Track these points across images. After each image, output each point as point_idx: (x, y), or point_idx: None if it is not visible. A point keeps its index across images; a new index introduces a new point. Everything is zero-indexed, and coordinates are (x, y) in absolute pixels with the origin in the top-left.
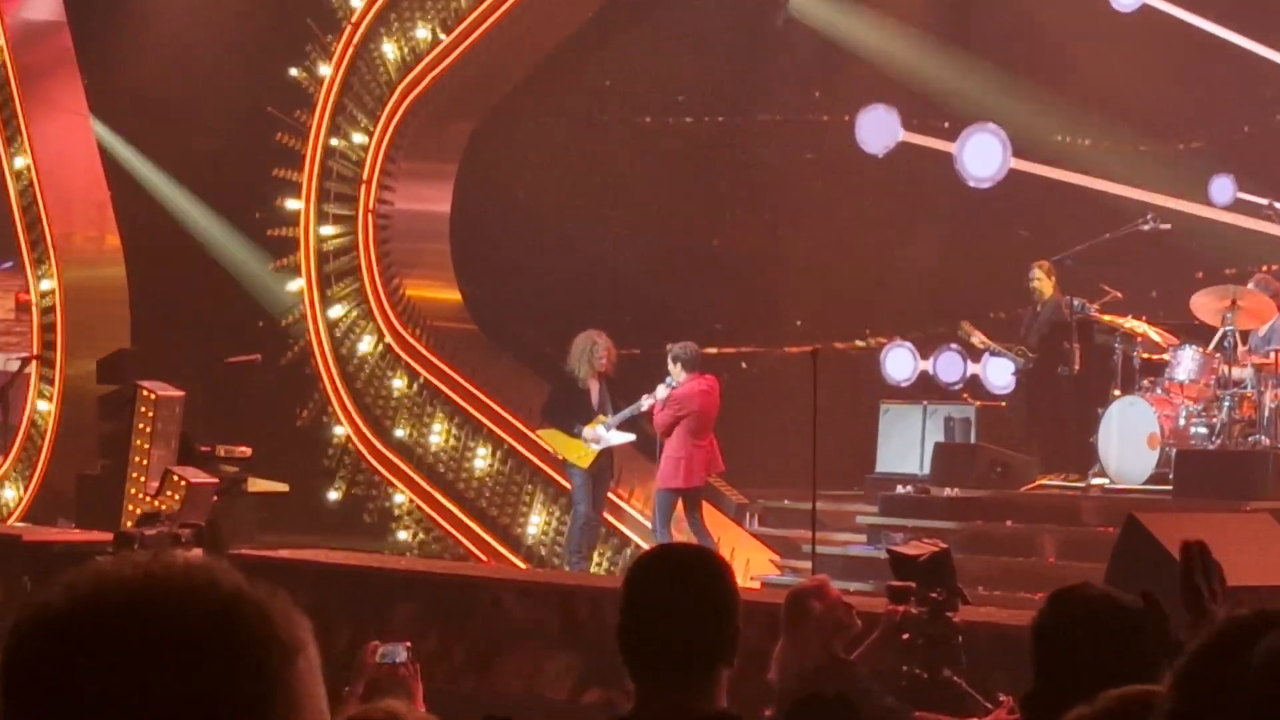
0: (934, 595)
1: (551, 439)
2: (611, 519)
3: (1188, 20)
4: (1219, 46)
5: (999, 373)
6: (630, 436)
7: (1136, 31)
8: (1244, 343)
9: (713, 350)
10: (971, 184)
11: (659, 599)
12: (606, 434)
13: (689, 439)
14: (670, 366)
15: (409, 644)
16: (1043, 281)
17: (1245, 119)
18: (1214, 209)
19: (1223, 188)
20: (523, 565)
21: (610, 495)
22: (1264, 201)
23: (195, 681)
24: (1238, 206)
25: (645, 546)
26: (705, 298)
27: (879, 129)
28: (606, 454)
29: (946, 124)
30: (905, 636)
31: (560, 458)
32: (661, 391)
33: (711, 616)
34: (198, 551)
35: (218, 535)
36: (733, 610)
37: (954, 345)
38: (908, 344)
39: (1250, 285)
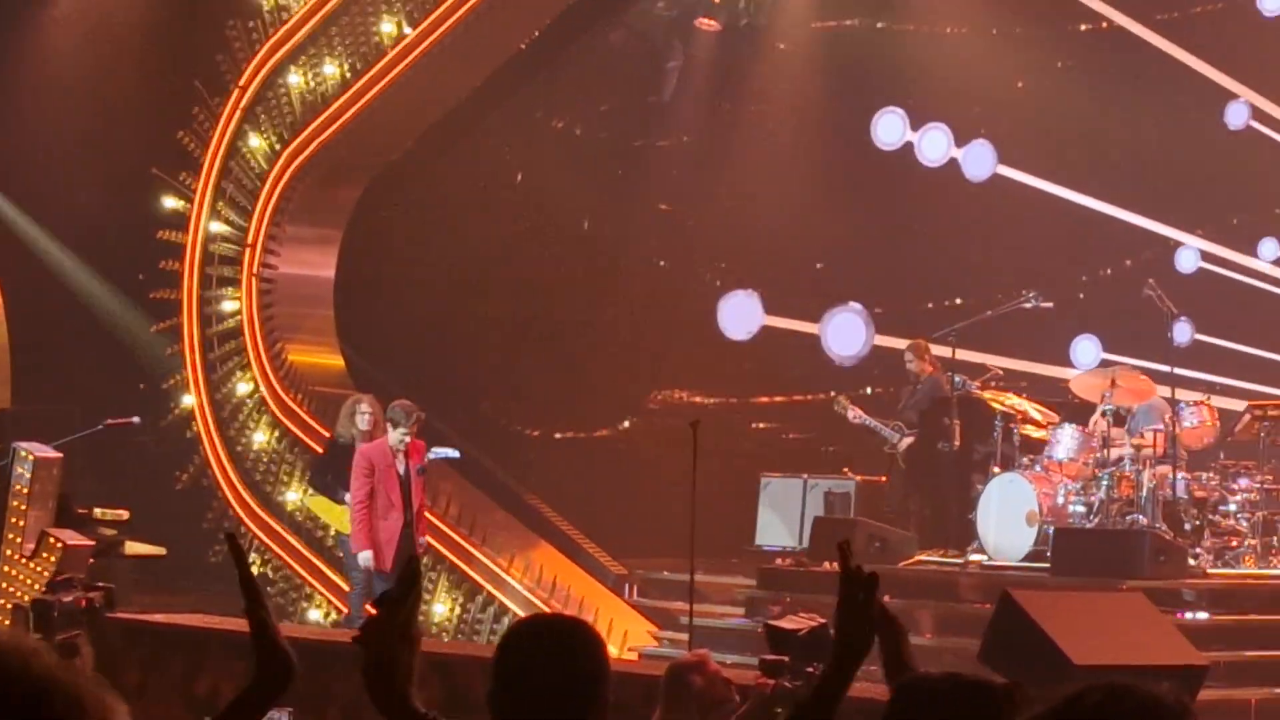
0: (810, 670)
1: (317, 506)
2: (489, 586)
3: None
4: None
5: None
6: None
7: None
8: (1122, 423)
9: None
10: (836, 362)
11: (531, 668)
12: None
13: None
14: (402, 429)
15: (292, 709)
16: (915, 363)
17: (1085, 273)
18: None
19: (1087, 349)
20: None
21: (491, 564)
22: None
23: None
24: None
25: (523, 614)
26: (585, 367)
27: (741, 314)
28: None
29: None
30: (779, 711)
31: (328, 527)
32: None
33: (582, 688)
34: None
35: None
36: (603, 683)
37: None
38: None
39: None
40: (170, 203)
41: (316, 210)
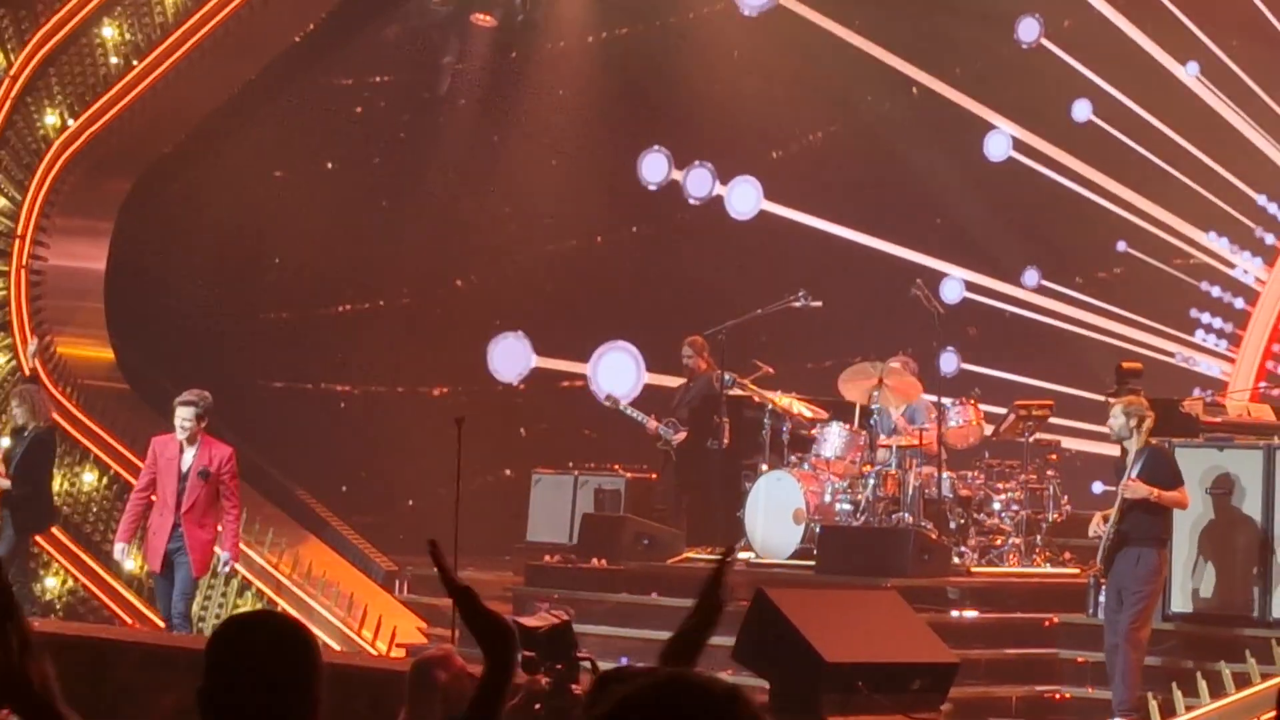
0: (557, 667)
1: None
2: (258, 582)
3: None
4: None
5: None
6: (5, 483)
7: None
8: (889, 421)
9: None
10: (606, 403)
11: (239, 665)
12: None
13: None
14: (193, 424)
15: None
16: (694, 358)
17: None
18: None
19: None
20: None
21: (260, 559)
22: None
23: None
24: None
25: (294, 611)
26: (358, 361)
27: (511, 357)
28: None
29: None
30: (538, 707)
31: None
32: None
33: (290, 686)
34: None
35: None
36: (313, 680)
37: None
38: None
39: (893, 363)
40: None
41: (87, 202)
